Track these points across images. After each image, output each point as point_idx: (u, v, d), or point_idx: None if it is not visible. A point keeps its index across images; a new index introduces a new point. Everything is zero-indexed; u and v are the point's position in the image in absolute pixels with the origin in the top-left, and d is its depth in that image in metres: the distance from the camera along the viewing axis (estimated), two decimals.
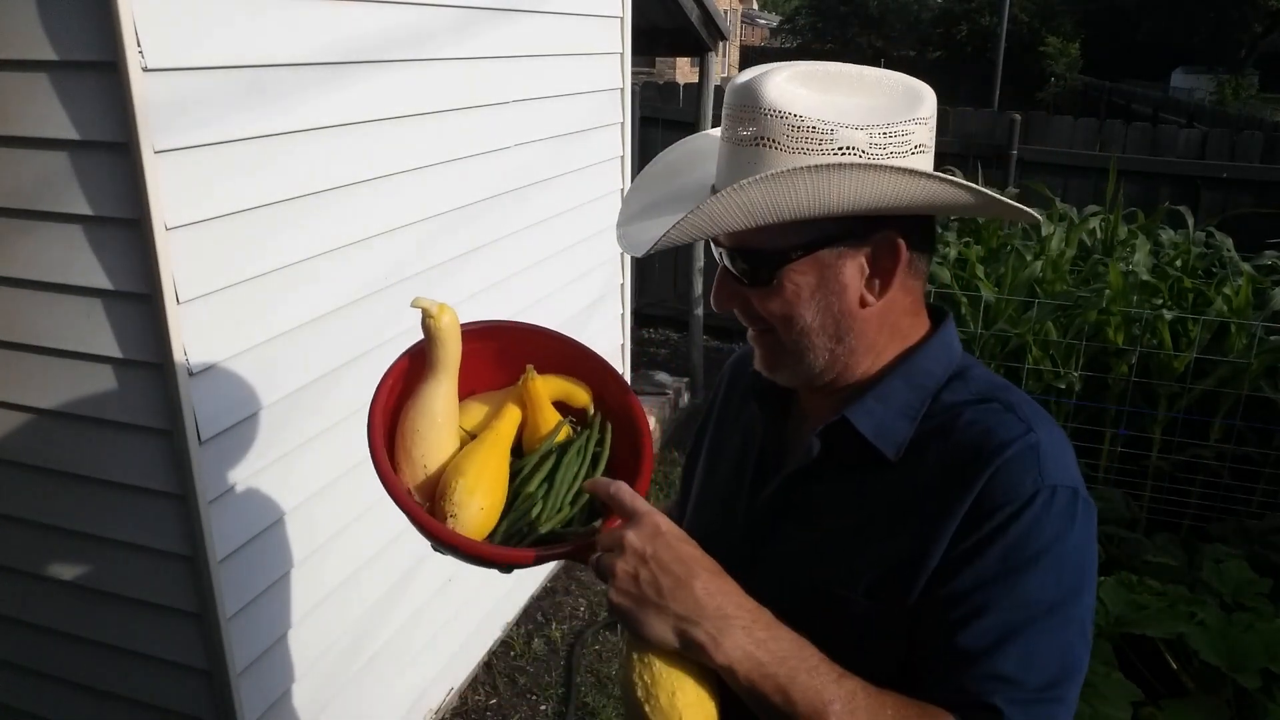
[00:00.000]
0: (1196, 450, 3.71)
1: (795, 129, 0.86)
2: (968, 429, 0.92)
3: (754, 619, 0.86)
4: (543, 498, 1.06)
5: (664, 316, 6.61)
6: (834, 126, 0.86)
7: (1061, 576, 0.86)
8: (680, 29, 4.56)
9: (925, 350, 0.99)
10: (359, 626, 2.42)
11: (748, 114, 0.88)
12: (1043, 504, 0.86)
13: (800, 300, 0.94)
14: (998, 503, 0.87)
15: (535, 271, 3.07)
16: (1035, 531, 0.86)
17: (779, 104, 0.87)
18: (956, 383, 0.98)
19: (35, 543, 1.98)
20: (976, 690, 0.85)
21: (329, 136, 2.04)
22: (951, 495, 0.89)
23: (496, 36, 2.65)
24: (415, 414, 1.07)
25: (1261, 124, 8.30)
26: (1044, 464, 0.88)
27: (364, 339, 2.24)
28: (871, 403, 0.97)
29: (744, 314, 0.98)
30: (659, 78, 16.06)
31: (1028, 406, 0.94)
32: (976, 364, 1.02)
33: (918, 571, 0.89)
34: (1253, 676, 2.40)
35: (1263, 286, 3.92)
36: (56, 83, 1.60)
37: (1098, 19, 26.01)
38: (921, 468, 0.93)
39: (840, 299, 0.94)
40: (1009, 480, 0.87)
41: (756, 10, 41.60)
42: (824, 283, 0.94)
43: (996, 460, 0.88)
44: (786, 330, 0.96)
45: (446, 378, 1.09)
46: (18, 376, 1.83)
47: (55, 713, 2.15)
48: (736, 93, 0.90)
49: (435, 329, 1.07)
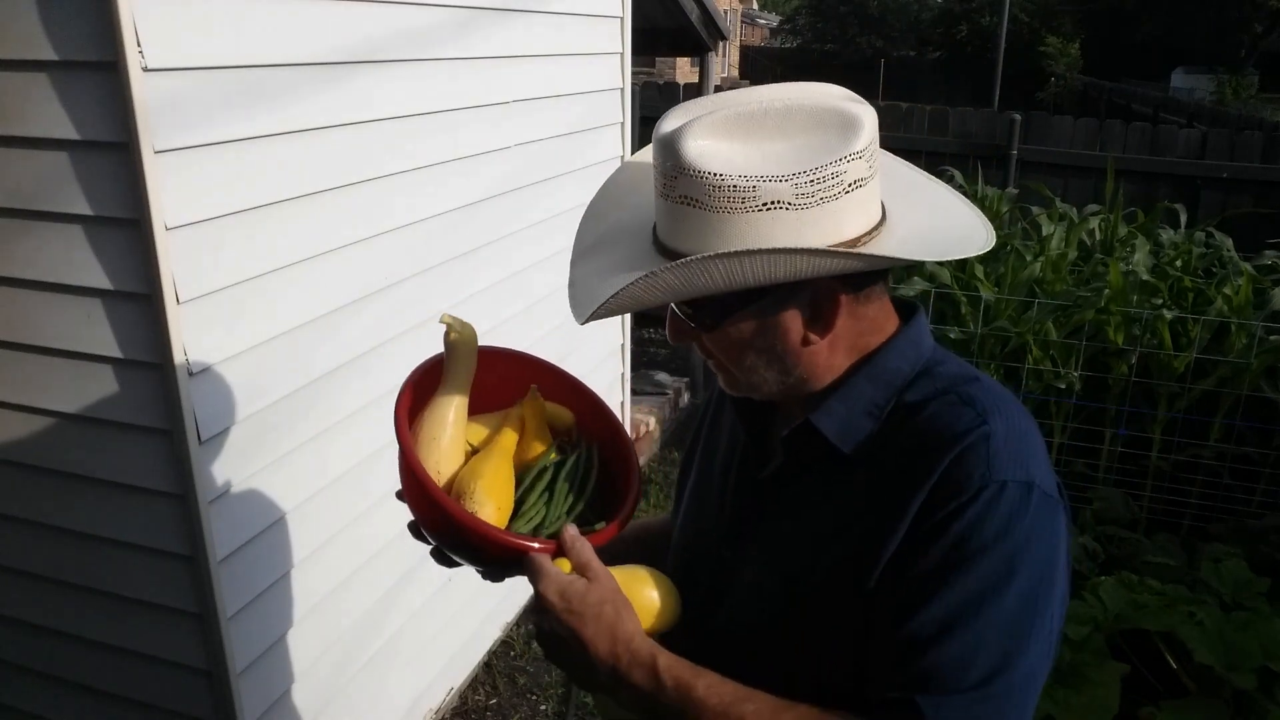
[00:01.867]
0: (1196, 450, 3.71)
1: (716, 188, 0.85)
2: (924, 423, 0.93)
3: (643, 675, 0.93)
4: (545, 504, 1.12)
5: (664, 316, 6.60)
6: (755, 183, 0.84)
7: (1008, 571, 0.85)
8: (680, 29, 4.56)
9: (890, 348, 0.99)
10: (359, 626, 2.42)
11: (671, 171, 0.88)
12: (988, 499, 0.86)
13: (743, 344, 0.96)
14: (947, 495, 0.87)
15: (535, 271, 3.07)
16: (979, 527, 0.86)
17: (697, 164, 0.85)
18: (923, 379, 0.98)
19: (35, 543, 1.98)
20: (902, 687, 0.86)
21: (329, 136, 2.04)
22: (907, 489, 0.90)
23: (496, 36, 2.65)
24: (431, 422, 1.13)
25: (1261, 124, 8.30)
26: (994, 458, 0.88)
27: (364, 339, 2.24)
28: (835, 404, 0.97)
29: (699, 348, 1.01)
30: (659, 78, 16.06)
31: (989, 397, 0.93)
32: (949, 358, 1.01)
33: (874, 563, 0.90)
34: (1248, 676, 2.40)
35: (1263, 286, 3.92)
36: (56, 83, 1.60)
37: (1098, 19, 26.00)
38: (880, 463, 0.95)
39: (783, 341, 0.95)
40: (960, 473, 0.88)
41: (756, 10, 41.60)
42: (764, 330, 0.95)
43: (950, 453, 0.88)
44: (736, 366, 0.98)
45: (461, 392, 1.15)
46: (18, 376, 1.83)
47: (55, 713, 2.15)
48: (659, 146, 0.89)
49: (458, 343, 1.14)
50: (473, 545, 1.06)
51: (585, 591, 0.95)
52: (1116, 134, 5.84)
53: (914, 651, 0.86)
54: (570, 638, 0.94)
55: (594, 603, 0.94)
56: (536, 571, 0.97)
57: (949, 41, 29.14)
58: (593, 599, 0.95)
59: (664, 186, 0.90)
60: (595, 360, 3.72)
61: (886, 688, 0.88)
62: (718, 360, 1.00)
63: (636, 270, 0.89)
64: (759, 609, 1.02)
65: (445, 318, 1.14)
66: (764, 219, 0.85)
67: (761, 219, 0.85)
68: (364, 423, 2.26)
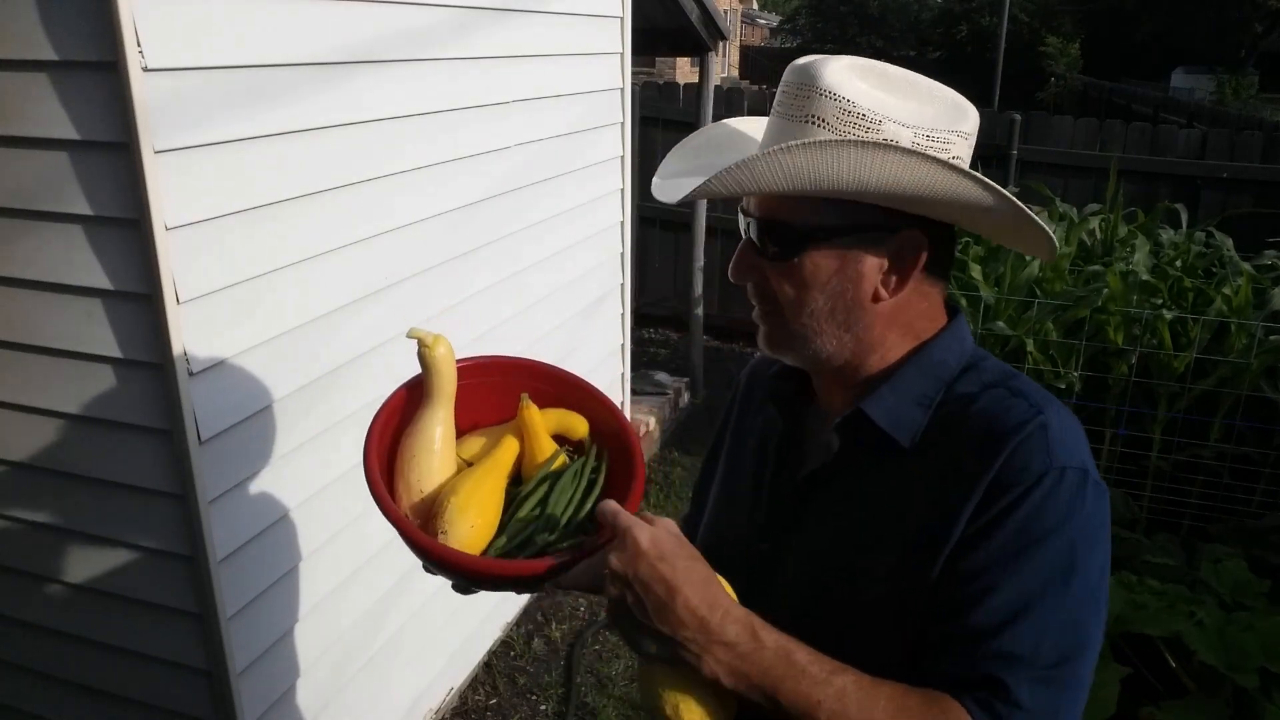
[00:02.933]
0: (1196, 450, 3.70)
1: (845, 113, 0.90)
2: (980, 415, 0.95)
3: (739, 632, 0.86)
4: (535, 520, 1.07)
5: (664, 316, 6.61)
6: (882, 118, 0.90)
7: (1071, 555, 0.88)
8: (680, 29, 4.56)
9: (938, 342, 1.01)
10: (359, 626, 2.42)
11: (803, 92, 0.92)
12: (1051, 484, 0.88)
13: (816, 283, 0.96)
14: (1009, 483, 0.89)
15: (535, 271, 3.07)
16: (1044, 511, 0.88)
17: (834, 87, 0.90)
18: (970, 373, 1.00)
19: (35, 543, 1.98)
20: (985, 668, 0.86)
21: (329, 136, 2.04)
22: (967, 478, 0.91)
23: (496, 36, 2.65)
24: (412, 440, 1.10)
25: (1261, 124, 8.30)
26: (1053, 446, 0.90)
27: (364, 339, 2.24)
28: (885, 392, 0.98)
29: (756, 291, 1.00)
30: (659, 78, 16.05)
31: (1039, 394, 0.96)
32: (989, 356, 1.04)
33: (936, 552, 0.91)
34: (1250, 676, 2.40)
35: (1262, 286, 3.92)
36: (56, 83, 1.60)
37: (1098, 19, 26.00)
38: (937, 454, 0.95)
39: (855, 288, 0.96)
40: (1020, 461, 0.89)
41: (756, 10, 41.60)
42: (843, 269, 0.96)
43: (1010, 443, 0.90)
44: (796, 312, 0.98)
45: (442, 407, 1.12)
46: (18, 376, 1.83)
47: (55, 713, 2.15)
48: (796, 71, 0.94)
49: (430, 359, 1.10)
50: (445, 567, 1.01)
51: (677, 544, 0.89)
52: (1116, 134, 5.83)
53: (990, 635, 0.87)
54: (660, 585, 0.85)
55: (686, 555, 0.88)
56: (617, 515, 0.90)
57: (949, 41, 29.13)
58: (685, 551, 0.89)
59: (791, 107, 0.93)
60: (595, 360, 3.72)
61: (962, 668, 0.88)
62: (774, 303, 0.98)
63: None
64: (802, 605, 1.01)
65: (414, 331, 1.10)
66: (878, 152, 0.88)
67: (876, 152, 0.88)
68: (364, 422, 2.24)
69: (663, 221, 6.45)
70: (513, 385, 1.19)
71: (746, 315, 1.07)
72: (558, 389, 1.23)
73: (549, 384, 1.23)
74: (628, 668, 3.20)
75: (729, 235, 6.28)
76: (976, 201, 0.91)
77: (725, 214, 6.18)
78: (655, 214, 6.45)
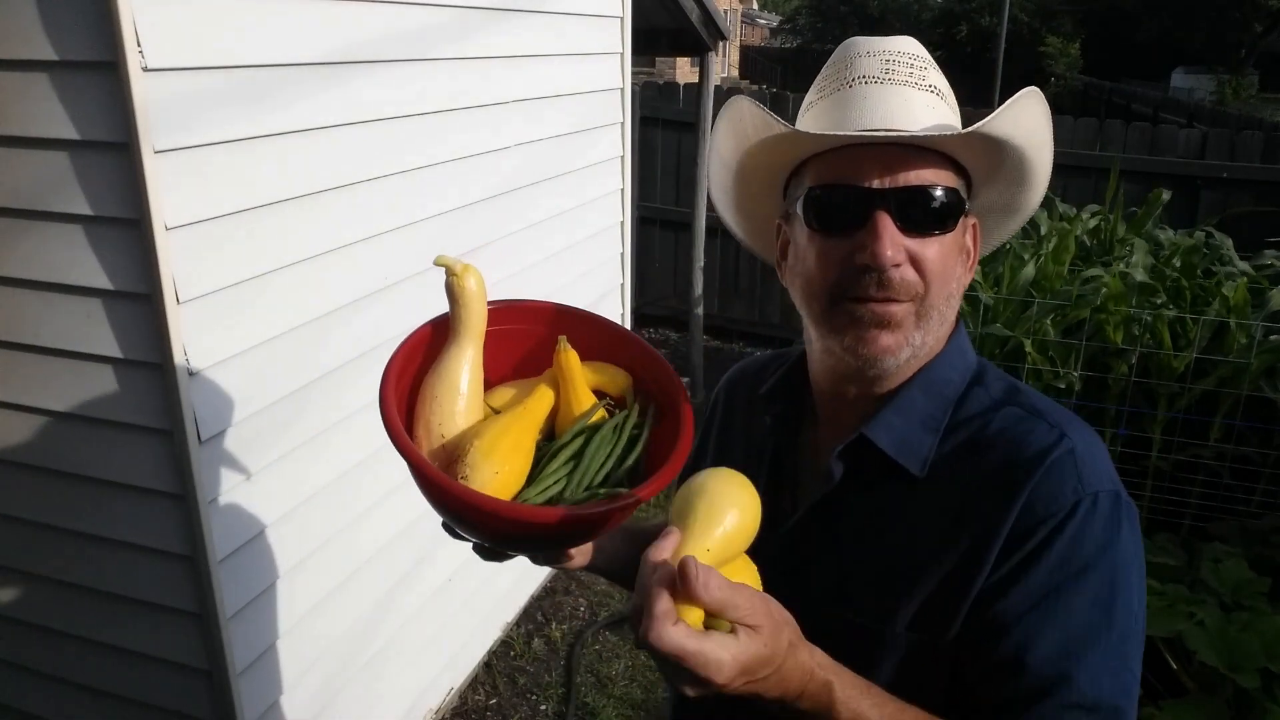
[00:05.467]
0: (1196, 450, 3.70)
1: (949, 88, 0.94)
2: (998, 440, 0.89)
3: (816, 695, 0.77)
4: (567, 475, 0.95)
5: (664, 316, 6.61)
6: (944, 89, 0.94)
7: (1112, 588, 0.82)
8: (680, 29, 4.56)
9: (942, 358, 0.95)
10: (359, 626, 2.42)
11: (919, 63, 0.92)
12: (1085, 513, 0.83)
13: (958, 254, 0.93)
14: (1040, 516, 0.83)
15: (535, 271, 3.07)
16: (1081, 543, 0.82)
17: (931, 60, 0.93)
18: (976, 389, 0.94)
19: (35, 543, 1.98)
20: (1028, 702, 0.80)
21: (329, 136, 2.04)
22: (992, 513, 0.85)
23: (496, 37, 2.65)
24: (434, 380, 0.99)
25: (1261, 124, 8.29)
26: (1082, 470, 0.85)
27: (364, 339, 2.24)
28: (890, 416, 0.92)
29: (893, 281, 0.87)
30: (659, 78, 16.06)
31: (1055, 411, 0.91)
32: (989, 366, 0.99)
33: (962, 597, 0.85)
34: (1251, 676, 2.40)
35: (1262, 286, 3.92)
36: (56, 83, 1.60)
37: (1098, 19, 26.00)
38: (952, 485, 0.89)
39: (966, 261, 0.95)
40: (1050, 491, 0.84)
41: (756, 10, 41.61)
42: (960, 250, 0.94)
43: (1036, 471, 0.85)
44: (938, 291, 0.90)
45: (470, 345, 1.00)
46: (18, 376, 1.83)
47: (55, 713, 2.15)
48: (899, 41, 0.93)
49: (459, 289, 0.99)
50: (459, 514, 0.90)
51: (763, 654, 0.71)
52: (1116, 134, 5.83)
53: (1040, 691, 0.80)
54: (751, 697, 0.73)
55: (777, 657, 0.72)
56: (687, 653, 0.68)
57: (949, 41, 29.12)
58: (772, 653, 0.71)
59: (913, 76, 0.91)
60: None
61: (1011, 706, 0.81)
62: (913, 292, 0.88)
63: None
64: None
65: (441, 259, 0.99)
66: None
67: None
68: (365, 422, 2.26)
69: (663, 221, 6.45)
70: (551, 336, 1.05)
71: (746, 315, 1.03)
72: (604, 341, 1.09)
73: (595, 335, 1.08)
74: (628, 668, 3.20)
75: (729, 235, 6.25)
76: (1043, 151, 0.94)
77: None
78: (655, 214, 6.45)
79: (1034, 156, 0.94)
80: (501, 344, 1.06)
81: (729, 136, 0.98)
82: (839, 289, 0.89)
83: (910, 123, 0.89)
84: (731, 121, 0.96)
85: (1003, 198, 0.99)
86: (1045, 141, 0.93)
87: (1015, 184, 0.97)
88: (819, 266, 0.91)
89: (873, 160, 0.87)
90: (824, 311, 0.91)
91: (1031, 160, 0.94)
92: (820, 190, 0.90)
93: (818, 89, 0.96)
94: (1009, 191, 0.98)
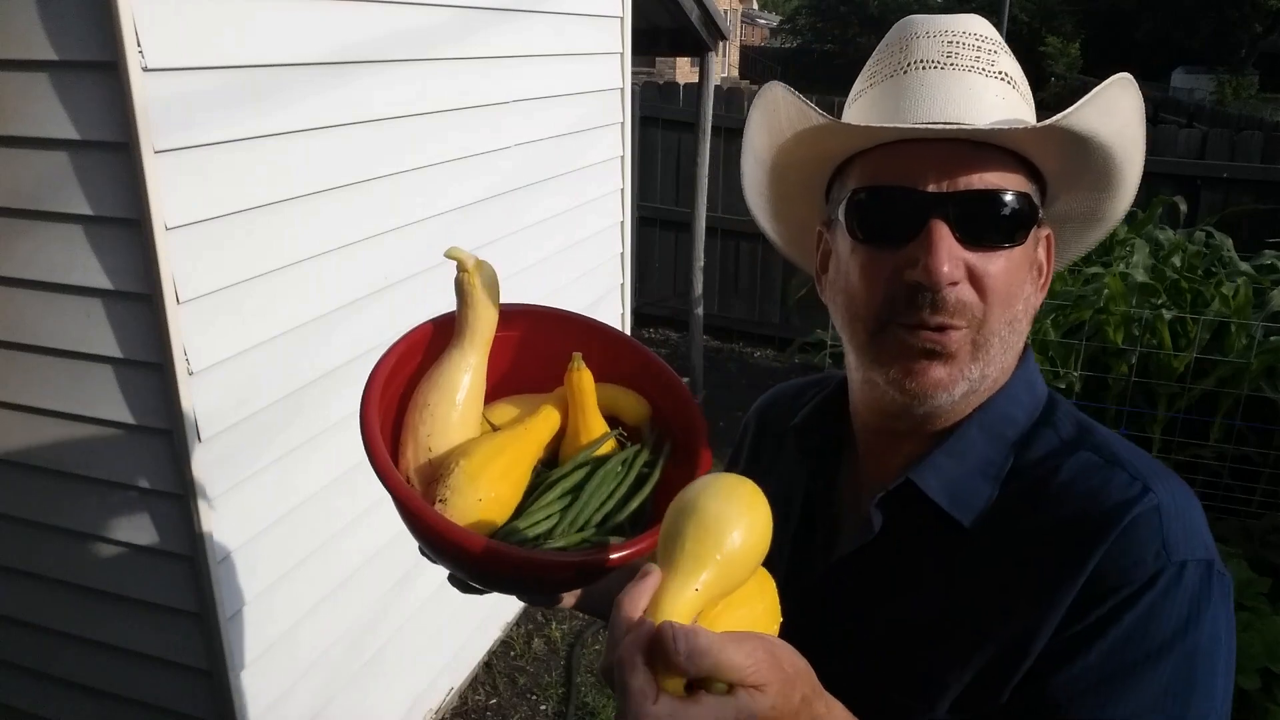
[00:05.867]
0: (1196, 450, 3.71)
1: (1022, 75, 0.81)
2: (1069, 491, 0.76)
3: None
4: (561, 511, 0.85)
5: (664, 316, 6.62)
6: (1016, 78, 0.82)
7: (1192, 675, 0.70)
8: (680, 29, 4.56)
9: (1005, 392, 0.82)
10: (359, 626, 2.42)
11: (987, 45, 0.79)
12: (1167, 585, 0.70)
13: (1027, 271, 0.79)
14: (1112, 584, 0.71)
15: (535, 271, 3.07)
16: (1158, 619, 0.70)
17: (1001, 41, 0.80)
18: (1044, 430, 0.81)
19: (35, 543, 1.98)
20: None
21: (329, 136, 2.04)
22: (1056, 574, 0.73)
23: (496, 37, 2.65)
24: (429, 386, 0.89)
25: (1261, 124, 8.29)
26: (1169, 533, 0.72)
27: (364, 339, 2.24)
28: (942, 459, 0.79)
29: (948, 302, 0.75)
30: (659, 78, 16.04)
31: (1139, 459, 0.78)
32: (1061, 401, 0.85)
33: (1012, 667, 0.73)
34: (1251, 677, 2.40)
35: (1262, 286, 3.92)
36: (56, 83, 1.60)
37: (1098, 19, 26.02)
38: (1011, 541, 0.76)
39: (1033, 296, 0.81)
40: (1128, 556, 0.71)
41: (756, 10, 41.60)
42: (1031, 265, 0.80)
43: (1112, 531, 0.72)
44: (1001, 312, 0.77)
45: (474, 351, 0.90)
46: (18, 376, 1.83)
47: (55, 713, 2.15)
48: (965, 21, 0.81)
49: (468, 288, 0.89)
50: (429, 540, 0.81)
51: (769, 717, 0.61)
52: None
53: None
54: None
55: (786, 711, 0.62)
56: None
57: None
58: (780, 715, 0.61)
59: (980, 61, 0.78)
60: None
61: None
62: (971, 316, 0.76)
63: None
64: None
65: (452, 251, 0.88)
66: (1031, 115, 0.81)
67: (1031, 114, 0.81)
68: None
69: (663, 221, 6.46)
70: (567, 347, 0.94)
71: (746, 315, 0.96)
72: (626, 364, 0.98)
73: (617, 355, 0.98)
74: None
75: (729, 235, 6.28)
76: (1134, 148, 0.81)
77: (725, 214, 6.18)
78: (655, 214, 6.45)
79: (1123, 157, 0.80)
80: (514, 353, 0.96)
81: (763, 130, 0.85)
82: (886, 311, 0.77)
83: (976, 116, 0.76)
84: (765, 112, 0.83)
85: (1084, 205, 0.86)
86: (1136, 139, 0.80)
87: (1099, 189, 0.84)
88: (863, 282, 0.78)
89: (930, 159, 0.75)
90: (869, 337, 0.79)
91: (1120, 161, 0.81)
92: (866, 193, 0.78)
93: (868, 75, 0.84)
94: (1092, 198, 0.85)
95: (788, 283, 6.00)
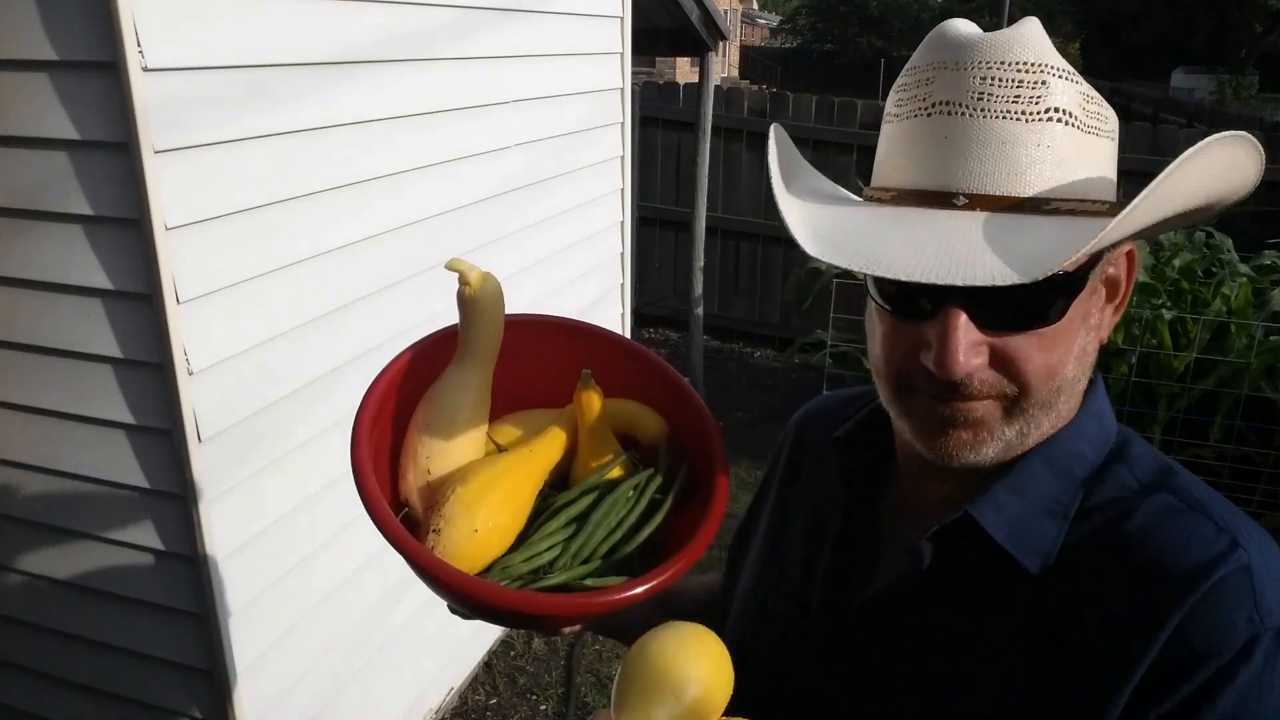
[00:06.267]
0: (1196, 450, 3.71)
1: (1086, 99, 0.66)
2: (1145, 537, 0.67)
3: None
4: (565, 541, 0.81)
5: (664, 316, 6.62)
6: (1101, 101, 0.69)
7: None
8: (680, 29, 4.56)
9: (1072, 427, 0.74)
10: (359, 626, 2.42)
11: (1034, 75, 0.65)
12: (1265, 654, 0.62)
13: (1071, 345, 0.69)
14: (1199, 652, 0.62)
15: (535, 271, 3.07)
16: (1258, 697, 0.61)
17: (1061, 65, 0.66)
18: (1117, 468, 0.73)
19: (35, 543, 1.98)
20: None
21: (329, 136, 2.04)
22: (1130, 637, 0.64)
23: (496, 37, 2.65)
24: (430, 405, 0.85)
25: (1261, 124, 8.30)
26: (1262, 595, 0.63)
27: (364, 339, 2.24)
28: (1004, 495, 0.71)
29: (968, 386, 0.68)
30: (659, 78, 16.05)
31: (1223, 507, 0.70)
32: (1135, 438, 0.77)
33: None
34: None
35: (1262, 286, 3.93)
36: (56, 83, 1.60)
37: (1098, 19, 26.03)
38: (1077, 590, 0.68)
39: (1095, 335, 0.72)
40: (1214, 619, 0.63)
41: (756, 10, 41.62)
42: (1087, 315, 0.70)
43: (1195, 590, 0.63)
44: (1042, 386, 0.69)
45: (478, 368, 0.86)
46: (18, 376, 1.83)
47: (55, 713, 2.15)
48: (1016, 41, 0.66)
49: (471, 301, 0.84)
50: (417, 572, 0.76)
51: None
52: None
53: None
54: None
55: None
56: None
57: None
58: None
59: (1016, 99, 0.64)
60: None
61: None
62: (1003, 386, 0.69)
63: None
64: None
65: (454, 263, 0.83)
66: (1106, 146, 0.69)
67: (1104, 145, 0.69)
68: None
69: (663, 221, 6.46)
70: (578, 361, 0.89)
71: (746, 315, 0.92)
72: (643, 379, 0.93)
73: (634, 370, 0.93)
74: None
75: (729, 235, 6.29)
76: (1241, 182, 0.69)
77: (725, 214, 6.18)
78: (655, 214, 6.46)
79: (1217, 202, 0.71)
80: (525, 367, 0.92)
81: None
82: (906, 380, 0.72)
83: (1009, 182, 0.64)
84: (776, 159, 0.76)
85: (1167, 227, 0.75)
86: (1238, 189, 0.70)
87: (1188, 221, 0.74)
88: (883, 349, 0.73)
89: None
90: (893, 394, 0.74)
91: (1214, 206, 0.72)
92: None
93: (897, 97, 0.72)
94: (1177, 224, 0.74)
95: (786, 283, 6.01)
